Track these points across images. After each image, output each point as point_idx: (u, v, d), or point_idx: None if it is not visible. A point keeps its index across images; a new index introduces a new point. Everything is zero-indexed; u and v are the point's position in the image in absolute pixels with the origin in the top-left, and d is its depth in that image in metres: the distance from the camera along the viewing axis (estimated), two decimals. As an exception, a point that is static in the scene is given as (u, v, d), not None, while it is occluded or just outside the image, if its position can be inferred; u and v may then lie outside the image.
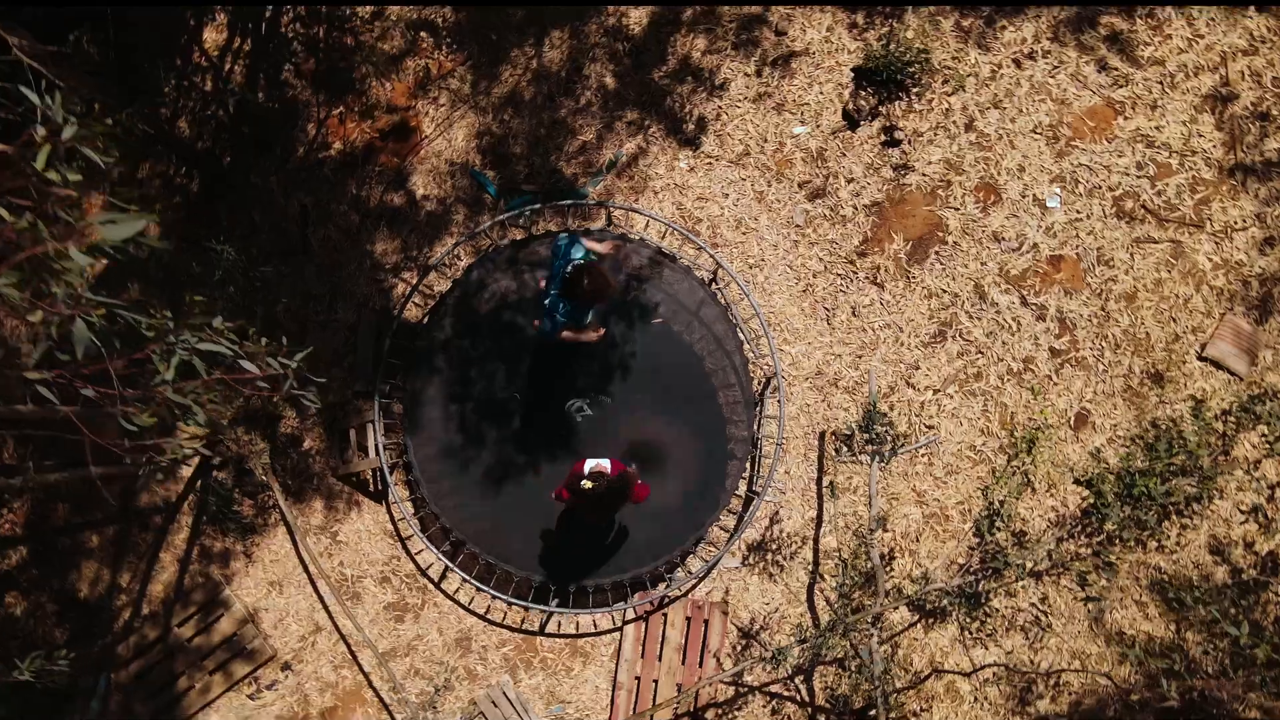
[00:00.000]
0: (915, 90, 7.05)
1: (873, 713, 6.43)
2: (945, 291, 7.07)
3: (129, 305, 3.58)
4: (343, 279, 7.31)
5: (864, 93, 7.04)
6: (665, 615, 7.08)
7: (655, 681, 7.02)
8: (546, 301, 6.07)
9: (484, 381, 6.86)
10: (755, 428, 7.00)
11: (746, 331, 7.05)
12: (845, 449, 7.05)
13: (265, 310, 7.21)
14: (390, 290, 7.29)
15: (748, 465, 7.07)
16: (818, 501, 7.10)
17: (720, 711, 7.00)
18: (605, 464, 5.94)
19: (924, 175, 7.08)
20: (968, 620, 6.88)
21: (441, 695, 7.13)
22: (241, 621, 7.18)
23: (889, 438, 5.78)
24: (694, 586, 7.10)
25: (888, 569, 6.94)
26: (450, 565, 6.80)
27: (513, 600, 6.81)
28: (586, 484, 5.49)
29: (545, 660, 7.17)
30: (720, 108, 7.17)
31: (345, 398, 7.23)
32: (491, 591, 6.81)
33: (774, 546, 7.12)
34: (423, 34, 7.36)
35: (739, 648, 7.07)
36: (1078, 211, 7.03)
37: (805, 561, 7.10)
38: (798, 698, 6.98)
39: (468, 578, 6.81)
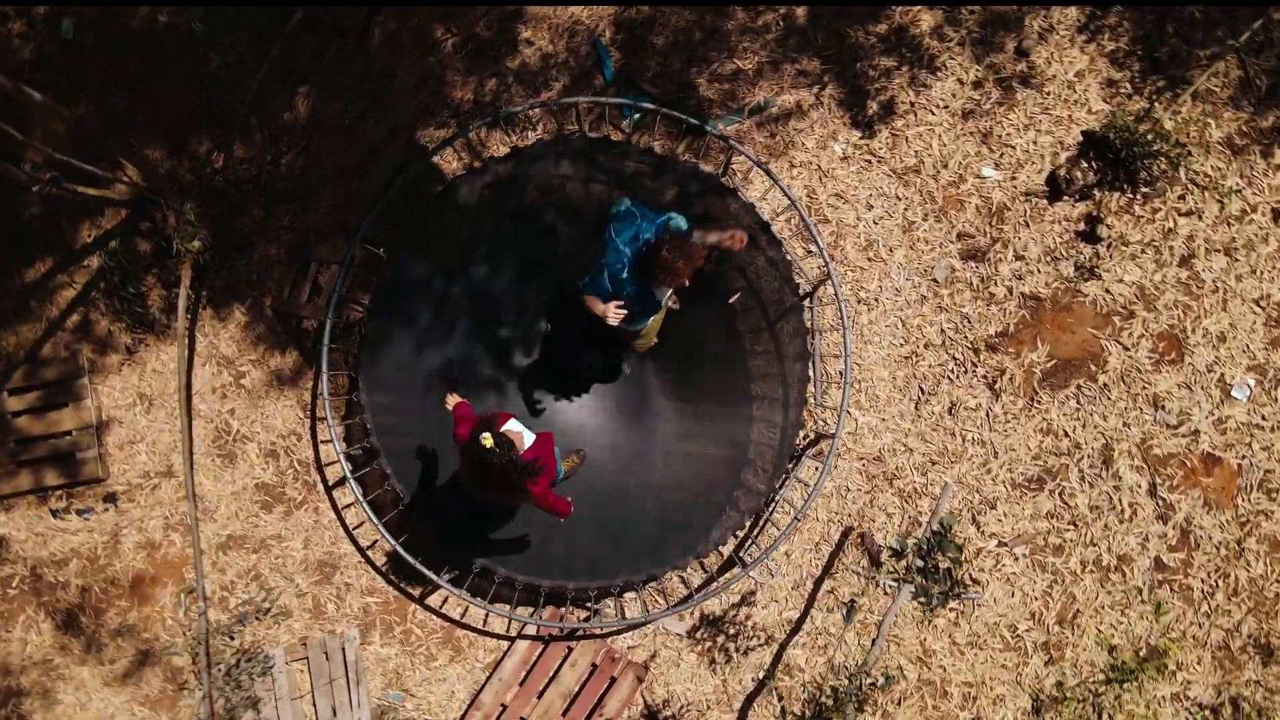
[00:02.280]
0: (1145, 189, 5.57)
1: None
2: (1067, 436, 5.58)
3: None
4: (390, 90, 5.82)
5: (1085, 164, 5.56)
6: (570, 649, 5.59)
7: (522, 719, 5.53)
8: (605, 259, 4.40)
9: (491, 278, 5.38)
10: (777, 485, 5.51)
11: (820, 372, 5.56)
12: (868, 561, 5.56)
13: (273, 81, 5.72)
14: (438, 126, 5.79)
15: (747, 524, 5.59)
16: (805, 604, 5.62)
17: (581, 791, 5.51)
18: (529, 437, 4.35)
19: (1107, 291, 5.60)
20: (916, 825, 5.41)
21: (269, 617, 5.63)
22: (85, 424, 5.69)
23: (948, 579, 4.30)
24: (618, 632, 5.62)
25: (851, 721, 5.46)
26: (350, 476, 5.30)
27: (402, 550, 5.32)
28: (486, 440, 3.88)
29: (409, 634, 5.68)
30: (914, 104, 5.68)
31: (327, 224, 5.74)
32: (382, 529, 5.32)
33: (732, 630, 5.64)
34: None
35: (637, 728, 5.58)
36: (1263, 417, 5.55)
37: (759, 665, 5.61)
38: (677, 819, 5.51)
39: (363, 500, 5.32)
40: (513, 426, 4.31)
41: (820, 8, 5.71)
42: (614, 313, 4.40)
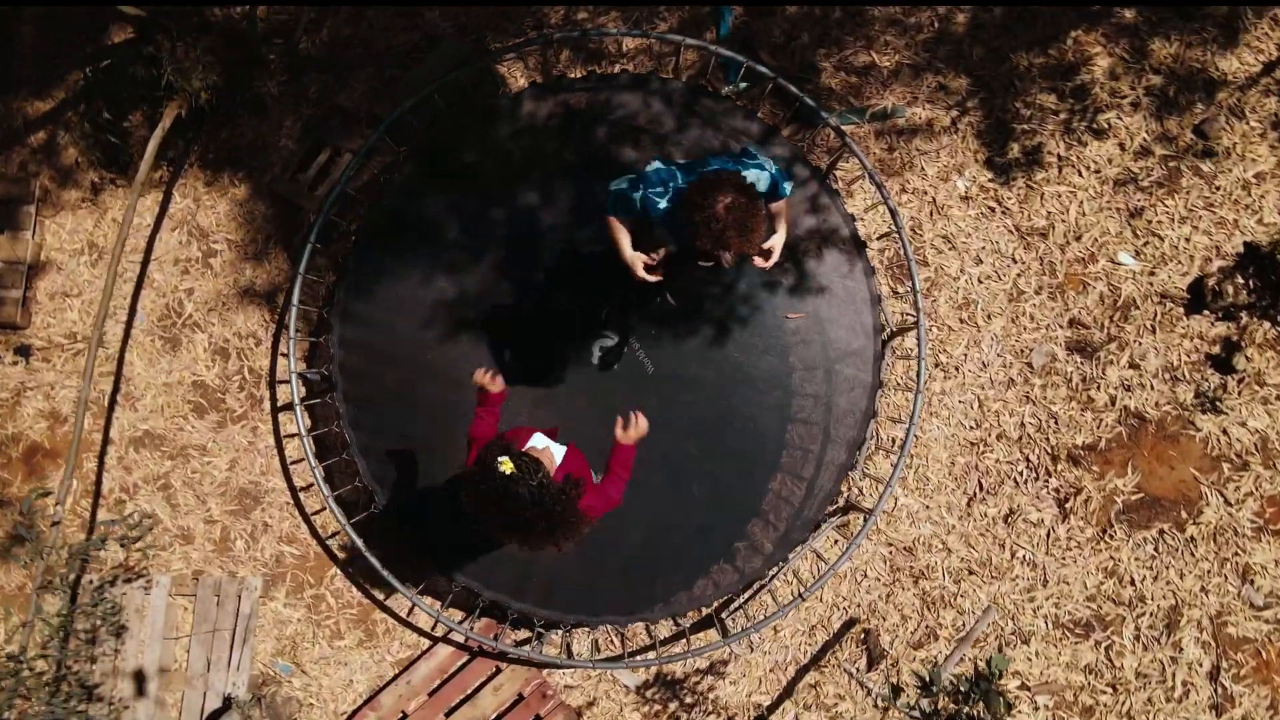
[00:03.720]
0: (1301, 329, 4.71)
1: None
2: (1133, 584, 4.71)
3: None
4: (469, -22, 4.96)
5: (1239, 280, 4.70)
6: (498, 669, 4.72)
7: (421, 736, 4.66)
8: (652, 169, 3.37)
9: (527, 222, 4.52)
10: (786, 550, 4.64)
11: (870, 434, 4.69)
12: (866, 663, 4.70)
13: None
14: (513, 31, 4.93)
15: (740, 585, 4.72)
16: (780, 693, 4.75)
17: (465, 837, 4.65)
18: (559, 450, 3.38)
19: (1224, 432, 4.73)
20: None
21: (163, 539, 4.77)
22: (17, 259, 4.83)
23: (982, 733, 3.41)
24: (559, 666, 4.74)
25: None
26: (299, 402, 4.43)
27: (333, 505, 4.45)
28: (504, 464, 2.86)
29: (320, 601, 4.82)
30: (1063, 157, 4.82)
31: (356, 109, 4.88)
32: (318, 473, 4.45)
33: (689, 699, 4.77)
34: None
35: (549, 781, 4.71)
36: (1363, 627, 4.68)
37: (709, 749, 4.75)
38: None
39: (305, 434, 4.45)
40: (536, 443, 3.33)
41: (986, 15, 4.84)
42: (642, 270, 3.53)
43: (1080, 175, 4.82)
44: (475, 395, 3.46)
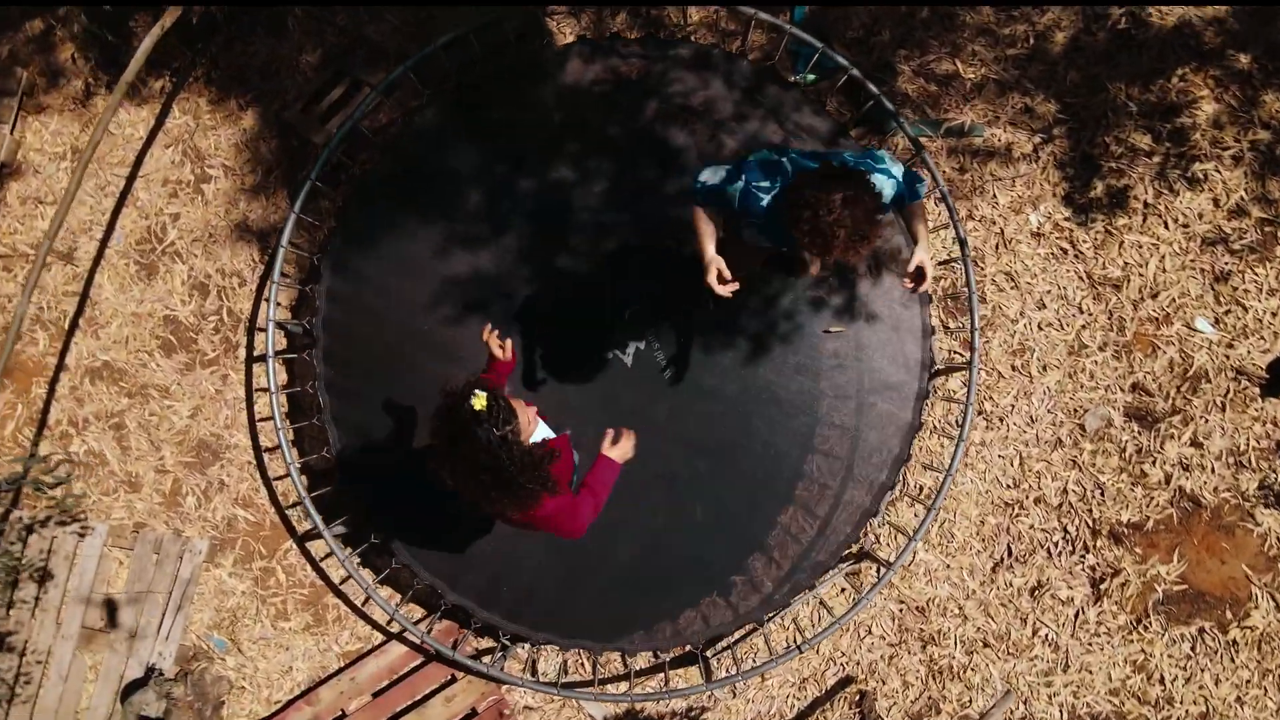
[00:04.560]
0: (1387, 430, 4.25)
1: None
2: (1162, 684, 4.26)
3: None
4: (529, -81, 4.50)
5: (1326, 367, 4.25)
6: (453, 679, 4.27)
7: (359, 739, 4.21)
8: (756, 157, 2.94)
9: (556, 193, 4.07)
10: (787, 590, 4.18)
11: (899, 479, 4.23)
12: (858, 729, 4.24)
13: None
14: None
15: (732, 625, 4.25)
16: (759, 747, 4.30)
17: None
18: (545, 432, 3.09)
19: (1285, 532, 4.28)
20: None
21: (106, 483, 4.32)
22: (-8, 154, 4.38)
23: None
24: (520, 686, 4.28)
25: None
26: (271, 355, 3.97)
27: (295, 473, 4.00)
28: (476, 401, 2.48)
29: (270, 577, 4.36)
30: (1149, 205, 4.36)
31: (383, 43, 4.42)
32: (283, 436, 3.99)
33: (657, 742, 4.31)
34: None
35: (492, 810, 4.25)
36: None
37: (672, 798, 4.29)
38: None
39: (275, 390, 3.99)
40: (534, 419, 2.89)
41: (1089, 38, 4.38)
42: (715, 277, 2.96)
43: (1166, 227, 4.36)
44: (485, 360, 3.04)
